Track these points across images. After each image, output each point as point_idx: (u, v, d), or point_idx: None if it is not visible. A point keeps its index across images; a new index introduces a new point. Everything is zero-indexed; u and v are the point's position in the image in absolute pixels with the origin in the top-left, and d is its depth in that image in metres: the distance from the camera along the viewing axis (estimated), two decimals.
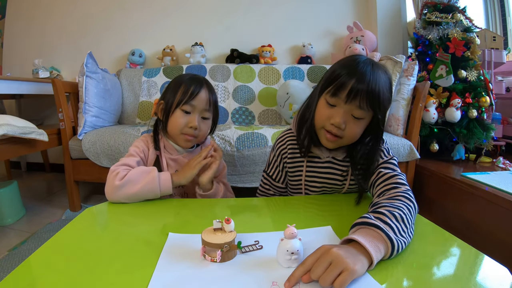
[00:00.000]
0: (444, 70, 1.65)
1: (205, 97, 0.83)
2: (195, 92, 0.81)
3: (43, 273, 0.46)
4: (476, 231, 1.24)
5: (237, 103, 2.09)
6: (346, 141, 0.70)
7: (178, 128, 0.82)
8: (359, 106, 0.64)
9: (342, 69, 0.65)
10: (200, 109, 0.83)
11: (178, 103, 0.81)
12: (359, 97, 0.62)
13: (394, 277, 0.44)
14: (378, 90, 0.62)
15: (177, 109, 0.82)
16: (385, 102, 0.65)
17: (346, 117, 0.65)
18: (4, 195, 1.57)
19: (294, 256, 0.45)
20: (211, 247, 0.48)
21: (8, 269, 1.14)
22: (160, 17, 2.41)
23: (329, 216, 0.66)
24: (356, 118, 0.66)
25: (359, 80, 0.62)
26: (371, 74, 0.62)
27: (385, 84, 0.64)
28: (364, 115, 0.66)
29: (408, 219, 0.53)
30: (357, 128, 0.67)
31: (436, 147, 1.69)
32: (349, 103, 0.64)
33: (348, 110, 0.65)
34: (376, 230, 0.48)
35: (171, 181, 0.75)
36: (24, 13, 2.53)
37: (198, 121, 0.82)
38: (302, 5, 2.36)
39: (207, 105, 0.84)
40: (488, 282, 0.43)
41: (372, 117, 0.67)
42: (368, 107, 0.63)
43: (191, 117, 0.82)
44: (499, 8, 2.35)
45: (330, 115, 0.67)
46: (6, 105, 2.50)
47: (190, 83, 0.83)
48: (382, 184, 0.66)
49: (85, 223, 0.65)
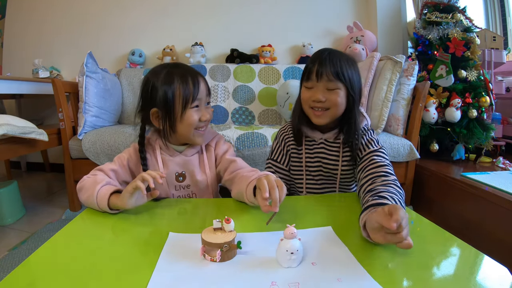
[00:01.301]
0: (444, 70, 1.65)
1: (205, 87, 0.79)
2: (197, 86, 0.76)
3: (43, 273, 0.46)
4: (476, 231, 1.24)
5: (237, 103, 2.09)
6: (333, 110, 0.79)
7: (193, 126, 0.77)
8: (328, 79, 0.76)
9: (309, 61, 0.81)
10: (204, 100, 0.79)
11: (184, 103, 0.74)
12: (325, 72, 0.76)
13: (394, 277, 0.44)
14: (337, 62, 0.76)
15: (187, 110, 0.75)
16: (348, 71, 0.76)
17: (323, 92, 0.77)
18: (4, 195, 1.57)
19: (293, 256, 0.45)
20: (211, 247, 0.48)
21: (8, 269, 1.14)
22: (160, 17, 2.41)
23: (329, 216, 0.66)
24: (331, 90, 0.77)
25: (320, 61, 0.77)
26: (328, 53, 0.78)
27: (344, 59, 0.78)
28: (336, 85, 0.76)
29: (402, 204, 0.61)
30: (336, 96, 0.77)
31: (436, 147, 1.69)
32: (320, 80, 0.77)
33: (322, 86, 0.77)
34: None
35: (107, 201, 0.65)
36: (24, 13, 2.53)
37: (206, 111, 0.79)
38: (302, 5, 2.36)
39: (206, 90, 0.80)
40: (488, 282, 0.43)
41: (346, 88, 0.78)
42: (335, 77, 0.75)
43: (201, 110, 0.78)
44: (499, 8, 2.35)
45: (310, 95, 0.79)
46: (6, 105, 2.50)
47: (184, 79, 0.75)
48: (372, 171, 0.72)
49: (85, 223, 0.65)
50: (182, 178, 0.83)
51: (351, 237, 0.56)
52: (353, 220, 0.64)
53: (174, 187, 0.83)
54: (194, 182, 0.84)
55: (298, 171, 0.89)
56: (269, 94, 2.08)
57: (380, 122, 1.58)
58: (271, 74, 2.14)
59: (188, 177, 0.84)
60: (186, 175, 0.83)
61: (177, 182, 0.83)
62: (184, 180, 0.83)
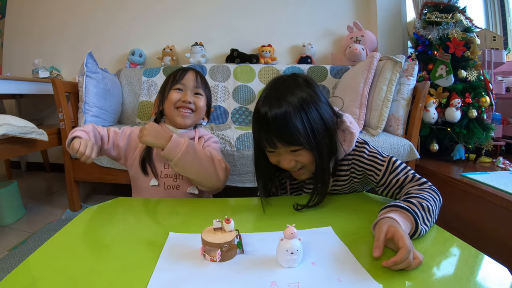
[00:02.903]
0: (444, 70, 1.65)
1: (192, 76, 0.93)
2: (183, 73, 0.92)
3: (43, 273, 0.46)
4: (476, 231, 1.24)
5: (237, 103, 2.09)
6: (310, 167, 0.70)
7: (172, 103, 0.90)
8: (284, 145, 0.65)
9: (254, 124, 0.69)
10: (190, 87, 0.92)
11: (170, 86, 0.92)
12: (277, 142, 0.64)
13: (394, 277, 0.44)
14: (287, 127, 0.62)
15: (170, 91, 0.91)
16: (300, 128, 0.62)
17: (288, 157, 0.67)
18: (4, 195, 1.57)
19: (293, 256, 0.45)
20: (211, 247, 0.48)
21: (8, 269, 1.14)
22: (160, 17, 2.41)
23: (329, 217, 0.66)
24: (296, 151, 0.66)
25: (267, 132, 0.64)
26: (271, 118, 0.63)
27: (291, 108, 0.62)
28: (296, 147, 0.66)
29: (433, 210, 0.58)
30: (305, 157, 0.67)
31: (436, 147, 1.69)
32: (278, 148, 0.66)
33: (284, 152, 0.67)
34: (407, 214, 0.55)
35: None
36: (24, 13, 2.53)
37: (190, 95, 0.91)
38: (302, 5, 2.35)
39: (196, 82, 0.93)
40: (488, 282, 0.43)
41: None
42: (291, 144, 0.65)
43: (183, 93, 0.91)
44: (499, 8, 2.35)
45: (277, 160, 0.70)
46: (6, 105, 2.50)
47: (177, 70, 0.95)
48: (403, 192, 0.66)
49: (85, 223, 0.65)
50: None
51: (351, 237, 0.56)
52: (353, 220, 0.64)
53: (163, 165, 0.91)
54: None
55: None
56: None
57: (380, 122, 1.58)
58: (271, 74, 2.14)
59: None
60: None
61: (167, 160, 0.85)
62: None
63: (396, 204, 0.56)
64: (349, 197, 0.79)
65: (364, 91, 1.63)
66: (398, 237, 0.47)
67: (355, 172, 0.74)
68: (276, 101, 0.64)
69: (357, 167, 0.73)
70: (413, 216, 0.54)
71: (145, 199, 0.84)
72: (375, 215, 0.58)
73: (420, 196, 0.59)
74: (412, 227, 0.54)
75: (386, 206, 0.57)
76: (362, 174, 0.74)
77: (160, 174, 0.90)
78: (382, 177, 0.69)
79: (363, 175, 0.74)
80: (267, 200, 0.76)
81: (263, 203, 0.71)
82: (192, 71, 0.95)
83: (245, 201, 0.78)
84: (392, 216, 0.53)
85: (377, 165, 0.70)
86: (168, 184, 0.90)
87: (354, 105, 1.64)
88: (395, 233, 0.48)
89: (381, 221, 0.52)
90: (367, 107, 1.65)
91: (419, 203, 0.57)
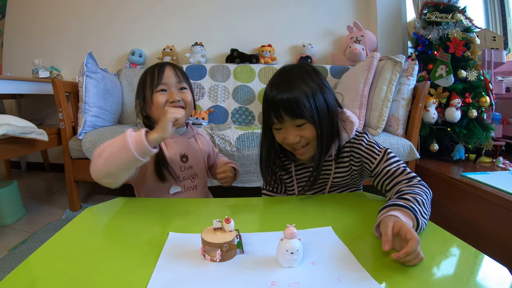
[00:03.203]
0: (444, 70, 1.66)
1: (172, 72, 0.85)
2: (160, 72, 0.84)
3: (43, 273, 0.46)
4: (476, 231, 1.24)
5: (237, 103, 2.09)
6: (313, 143, 0.73)
7: (160, 107, 0.82)
8: (290, 118, 0.69)
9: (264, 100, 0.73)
10: (173, 84, 0.85)
11: (151, 89, 0.83)
12: (284, 114, 0.68)
13: (394, 277, 0.44)
14: (292, 98, 0.67)
15: (154, 94, 0.83)
16: (306, 103, 0.67)
17: (293, 132, 0.70)
18: (4, 195, 1.57)
19: (293, 256, 0.45)
20: (211, 247, 0.48)
21: (8, 269, 1.14)
22: (160, 17, 2.41)
23: (329, 217, 0.66)
24: (301, 126, 0.70)
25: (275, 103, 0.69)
26: (282, 90, 0.69)
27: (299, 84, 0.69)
28: (302, 121, 0.69)
29: (427, 204, 0.60)
30: (309, 131, 0.70)
31: (436, 147, 1.69)
32: (285, 121, 0.70)
33: (290, 126, 0.71)
34: (406, 210, 0.55)
35: (144, 137, 0.64)
36: (24, 13, 2.53)
37: (177, 93, 0.85)
38: (302, 5, 2.36)
39: (177, 77, 0.86)
40: (488, 282, 0.43)
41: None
42: (296, 117, 0.68)
43: (168, 93, 0.84)
44: (499, 8, 2.35)
45: (282, 137, 0.73)
46: (6, 105, 2.50)
47: (152, 69, 0.86)
48: (395, 181, 0.69)
49: (85, 223, 0.65)
50: (185, 159, 0.88)
51: (351, 237, 0.56)
52: (353, 220, 0.64)
53: (179, 167, 0.87)
54: (196, 163, 0.90)
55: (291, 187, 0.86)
56: None
57: (380, 122, 1.58)
58: (271, 74, 2.12)
59: (191, 158, 0.89)
60: (188, 156, 0.89)
61: (182, 163, 0.88)
62: (187, 161, 0.89)
63: (394, 203, 0.57)
64: (349, 197, 0.79)
65: (364, 91, 1.63)
66: (405, 230, 0.48)
67: (353, 160, 0.77)
68: (285, 82, 0.70)
69: (356, 154, 0.76)
70: (412, 212, 0.55)
71: (145, 199, 0.84)
72: (375, 215, 0.58)
73: (413, 192, 0.61)
74: (414, 222, 0.55)
75: (384, 207, 0.58)
76: (359, 162, 0.76)
77: (178, 178, 0.86)
78: (376, 166, 0.72)
79: (360, 163, 0.76)
80: (267, 201, 0.76)
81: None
82: (168, 66, 0.87)
83: (245, 201, 0.78)
84: (393, 214, 0.54)
85: (374, 154, 0.73)
86: (187, 186, 0.88)
87: (354, 105, 1.64)
88: (402, 227, 0.49)
89: (385, 219, 0.53)
90: (367, 107, 1.65)
91: (414, 199, 0.58)
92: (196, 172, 0.90)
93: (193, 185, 0.89)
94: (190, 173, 0.89)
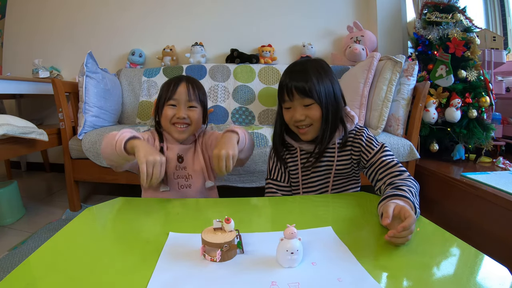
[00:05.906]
0: (444, 70, 1.65)
1: (184, 90, 0.91)
2: (174, 88, 0.91)
3: (43, 273, 0.46)
4: (476, 231, 1.24)
5: (237, 103, 2.09)
6: (316, 125, 0.80)
7: (168, 120, 0.91)
8: (300, 96, 0.77)
9: (280, 79, 0.83)
10: (183, 101, 0.91)
11: (164, 100, 0.92)
12: (295, 90, 0.77)
13: (394, 277, 0.44)
14: (305, 78, 0.77)
15: (165, 106, 0.92)
16: (317, 86, 0.77)
17: (300, 110, 0.79)
18: (4, 195, 1.57)
19: (293, 256, 0.45)
20: (211, 247, 0.48)
21: (8, 269, 1.14)
22: (160, 17, 2.41)
23: (329, 217, 0.66)
24: (308, 106, 0.78)
25: (290, 80, 0.79)
26: (297, 70, 0.80)
27: (314, 71, 0.78)
28: (310, 101, 0.78)
29: (417, 196, 0.66)
30: (315, 112, 0.78)
31: (436, 147, 1.69)
32: (294, 99, 0.78)
33: (298, 104, 0.79)
34: (405, 199, 0.60)
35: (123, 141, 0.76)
36: (24, 13, 2.53)
37: (184, 111, 0.90)
38: (302, 5, 2.35)
39: (187, 96, 0.91)
40: (488, 282, 0.43)
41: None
42: (305, 95, 0.77)
43: (177, 108, 0.91)
44: (499, 8, 2.35)
45: (290, 116, 0.81)
46: (6, 105, 2.50)
47: (171, 81, 0.94)
48: (388, 172, 0.75)
49: (85, 223, 0.65)
50: (181, 159, 0.94)
51: (351, 237, 0.56)
52: (353, 220, 0.64)
53: (175, 166, 0.93)
54: (189, 164, 0.95)
55: (295, 178, 0.90)
56: (269, 94, 2.08)
57: (380, 122, 1.58)
58: (271, 74, 2.14)
59: (186, 160, 0.95)
60: (184, 158, 0.95)
61: (177, 162, 0.94)
62: (182, 162, 0.95)
63: (392, 194, 0.62)
64: (349, 197, 0.80)
65: (364, 91, 1.63)
66: (405, 210, 0.53)
67: (353, 150, 0.84)
68: (300, 68, 0.80)
69: (357, 144, 0.83)
70: (411, 201, 0.60)
71: (145, 199, 0.84)
72: (374, 215, 0.58)
73: (406, 184, 0.67)
74: (412, 210, 0.58)
75: (383, 199, 0.62)
76: (358, 152, 0.83)
77: (172, 176, 0.92)
78: (373, 156, 0.79)
79: (359, 153, 0.83)
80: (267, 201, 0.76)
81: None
82: (184, 83, 0.92)
83: (245, 201, 0.78)
84: (394, 201, 0.59)
85: (372, 145, 0.81)
86: (181, 184, 0.93)
87: (354, 105, 1.64)
88: (402, 208, 0.54)
89: (387, 203, 0.58)
90: (367, 107, 1.65)
91: (409, 190, 0.64)
92: (189, 173, 0.95)
93: (187, 184, 0.94)
94: (184, 173, 0.94)
